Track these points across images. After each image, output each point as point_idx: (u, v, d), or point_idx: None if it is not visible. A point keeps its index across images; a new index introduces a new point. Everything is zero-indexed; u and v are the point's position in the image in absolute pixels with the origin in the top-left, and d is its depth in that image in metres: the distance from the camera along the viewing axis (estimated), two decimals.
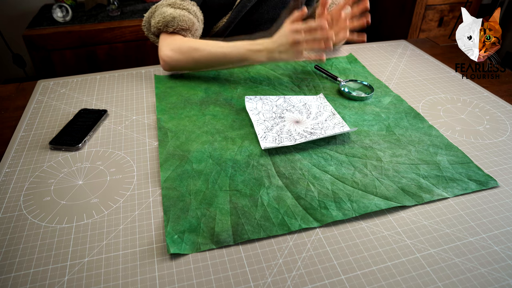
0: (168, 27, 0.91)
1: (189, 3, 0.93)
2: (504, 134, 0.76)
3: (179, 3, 0.92)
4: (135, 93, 0.89)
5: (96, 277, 0.49)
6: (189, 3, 0.93)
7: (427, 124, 0.78)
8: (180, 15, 0.90)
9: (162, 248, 0.52)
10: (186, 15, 0.91)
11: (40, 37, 1.77)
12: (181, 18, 0.90)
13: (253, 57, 0.86)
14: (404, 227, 0.56)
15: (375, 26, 2.75)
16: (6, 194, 0.62)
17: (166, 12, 0.90)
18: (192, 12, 0.92)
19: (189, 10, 0.92)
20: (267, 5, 1.03)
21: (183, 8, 0.91)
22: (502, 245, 0.53)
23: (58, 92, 0.91)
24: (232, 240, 0.53)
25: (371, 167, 0.66)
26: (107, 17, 1.91)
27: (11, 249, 0.53)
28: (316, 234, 0.54)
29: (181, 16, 0.90)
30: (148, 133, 0.76)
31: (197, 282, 0.48)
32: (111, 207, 0.59)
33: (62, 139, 0.72)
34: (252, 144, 0.71)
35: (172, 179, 0.63)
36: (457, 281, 0.48)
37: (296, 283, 0.48)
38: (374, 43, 1.16)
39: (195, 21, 0.92)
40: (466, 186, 0.63)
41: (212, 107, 0.83)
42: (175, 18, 0.90)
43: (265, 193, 0.60)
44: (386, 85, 0.92)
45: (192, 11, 0.92)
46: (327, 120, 0.78)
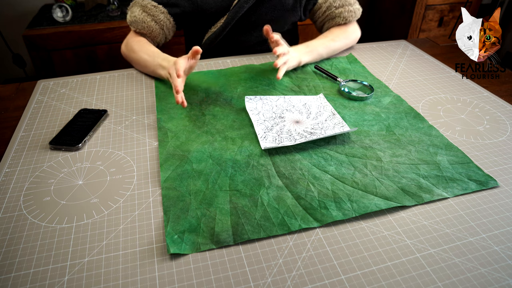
0: (132, 26, 0.99)
1: (159, 10, 0.97)
2: (504, 134, 0.76)
3: (150, 7, 0.97)
4: (135, 93, 0.89)
5: (96, 277, 0.49)
6: (158, 11, 0.97)
7: (427, 124, 0.78)
8: (141, 20, 0.97)
9: (162, 248, 0.52)
10: (148, 21, 0.97)
11: (40, 37, 1.77)
12: (140, 23, 0.97)
13: (159, 72, 0.90)
14: (404, 227, 0.56)
15: (375, 26, 2.74)
16: (6, 194, 0.62)
17: (134, 12, 0.98)
18: (157, 19, 0.97)
19: (155, 16, 0.97)
20: (265, 7, 1.02)
21: (150, 14, 0.97)
22: (502, 245, 0.53)
23: (58, 92, 0.91)
24: (232, 240, 0.53)
25: (371, 167, 0.66)
26: (107, 17, 1.91)
27: (11, 249, 0.53)
28: (316, 234, 0.54)
29: (141, 21, 0.97)
30: (148, 133, 0.76)
31: (197, 282, 0.48)
32: (111, 207, 0.59)
33: (62, 139, 0.72)
34: (252, 144, 0.71)
35: (172, 179, 0.63)
36: (457, 281, 0.48)
37: (296, 283, 0.48)
38: (374, 43, 1.16)
39: (155, 28, 0.98)
40: (466, 186, 0.63)
41: (212, 107, 0.83)
42: (136, 21, 0.97)
43: (265, 193, 0.60)
44: (386, 85, 0.92)
45: (158, 19, 0.97)
46: (327, 120, 0.78)
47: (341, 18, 1.05)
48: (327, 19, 1.08)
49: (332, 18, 1.06)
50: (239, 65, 1.02)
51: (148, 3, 0.97)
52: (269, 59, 1.05)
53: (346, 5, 1.05)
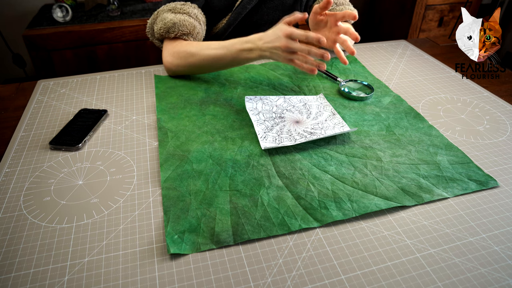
0: (170, 33, 0.91)
1: (190, 6, 0.92)
2: (504, 134, 0.76)
3: (180, 7, 0.91)
4: (135, 93, 0.89)
5: (96, 277, 0.49)
6: (189, 6, 0.92)
7: (427, 124, 0.78)
8: (180, 20, 0.90)
9: (162, 248, 0.52)
10: (186, 19, 0.90)
11: (40, 37, 1.77)
12: (181, 23, 0.90)
13: (244, 56, 0.83)
14: (404, 227, 0.56)
15: (375, 26, 2.74)
16: (6, 194, 0.62)
17: (166, 18, 0.90)
18: (193, 15, 0.92)
19: (190, 13, 0.91)
20: (267, 7, 1.02)
21: (183, 13, 0.91)
22: (502, 245, 0.53)
23: (58, 92, 0.91)
24: (232, 240, 0.53)
25: (371, 167, 0.66)
26: (107, 17, 1.91)
27: (11, 249, 0.53)
28: (316, 234, 0.55)
29: (181, 21, 0.90)
30: (148, 133, 0.76)
31: (197, 282, 0.48)
32: (111, 207, 0.59)
33: (62, 139, 0.72)
34: (252, 144, 0.71)
35: (172, 179, 0.63)
36: (457, 281, 0.48)
37: (296, 283, 0.48)
38: (374, 43, 1.16)
39: (196, 24, 0.92)
40: (466, 186, 0.63)
41: (212, 107, 0.83)
42: (176, 24, 0.89)
43: (265, 193, 0.60)
44: (386, 85, 0.92)
45: (193, 14, 0.92)
46: (327, 120, 0.78)
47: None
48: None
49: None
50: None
51: (174, 5, 0.92)
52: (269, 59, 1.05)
53: (346, 5, 1.04)
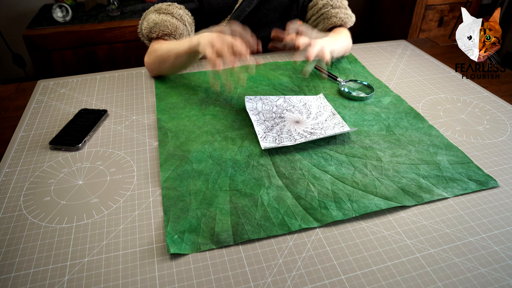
0: (152, 33, 0.92)
1: (176, 6, 0.93)
2: (504, 134, 0.76)
3: (165, 8, 0.93)
4: (135, 93, 0.89)
5: (96, 277, 0.49)
6: (175, 7, 0.93)
7: (427, 124, 0.78)
8: (162, 20, 0.91)
9: (162, 248, 0.52)
10: (168, 19, 0.91)
11: (40, 37, 1.77)
12: (162, 23, 0.91)
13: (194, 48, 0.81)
14: (404, 227, 0.56)
15: (375, 26, 2.74)
16: (6, 194, 0.62)
17: (150, 19, 0.92)
18: (177, 15, 0.93)
19: (173, 14, 0.92)
20: (266, 9, 1.02)
21: (167, 13, 0.92)
22: (502, 245, 0.53)
23: (58, 92, 0.91)
24: (232, 240, 0.53)
25: (371, 167, 0.66)
26: (107, 17, 1.91)
27: (11, 249, 0.53)
28: (316, 234, 0.55)
29: (163, 21, 0.91)
30: (148, 133, 0.76)
31: (197, 282, 0.48)
32: (111, 207, 0.59)
33: (62, 139, 0.72)
34: (252, 144, 0.71)
35: (172, 179, 0.63)
36: (457, 281, 0.48)
37: (296, 283, 0.48)
38: (374, 43, 1.16)
39: (178, 24, 0.92)
40: (466, 186, 0.63)
41: (212, 107, 0.83)
42: (157, 23, 0.91)
43: (265, 193, 0.60)
44: (386, 85, 0.92)
45: (177, 14, 0.93)
46: (327, 120, 0.78)
47: (338, 19, 1.00)
48: (322, 18, 1.03)
49: (328, 17, 1.01)
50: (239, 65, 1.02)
51: (160, 6, 0.93)
52: (269, 59, 1.05)
53: (342, 8, 1.02)
